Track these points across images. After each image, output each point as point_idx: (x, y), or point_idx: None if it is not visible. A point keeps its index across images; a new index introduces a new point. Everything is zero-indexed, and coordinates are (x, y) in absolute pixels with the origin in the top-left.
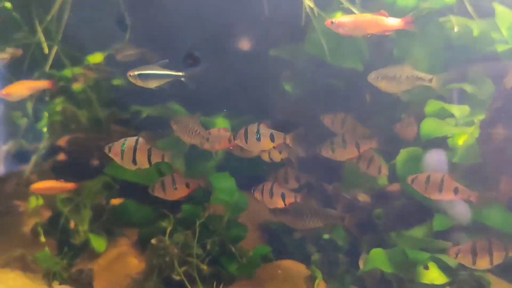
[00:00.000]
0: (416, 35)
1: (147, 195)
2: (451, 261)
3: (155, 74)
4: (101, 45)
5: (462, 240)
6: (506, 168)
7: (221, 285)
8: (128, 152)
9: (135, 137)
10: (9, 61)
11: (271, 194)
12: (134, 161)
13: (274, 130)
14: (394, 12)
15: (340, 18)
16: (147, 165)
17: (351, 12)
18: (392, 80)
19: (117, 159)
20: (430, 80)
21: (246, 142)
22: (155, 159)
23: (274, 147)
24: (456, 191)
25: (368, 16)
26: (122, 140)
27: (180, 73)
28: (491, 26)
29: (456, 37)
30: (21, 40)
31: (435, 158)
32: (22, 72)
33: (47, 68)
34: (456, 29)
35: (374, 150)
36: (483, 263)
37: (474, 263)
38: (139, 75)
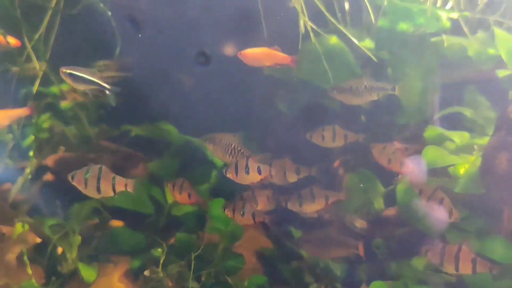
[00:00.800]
0: (410, 55)
1: (138, 221)
2: None
3: (85, 79)
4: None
5: None
6: (509, 199)
7: None
8: (92, 181)
9: (99, 165)
10: None
11: (243, 213)
12: (98, 190)
13: (261, 164)
14: (391, 36)
15: (244, 50)
16: (111, 194)
17: (345, 36)
18: (351, 92)
19: (80, 188)
20: (393, 89)
21: (237, 176)
22: (119, 188)
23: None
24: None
25: (265, 50)
26: (85, 168)
27: (107, 86)
28: (487, 43)
29: (450, 56)
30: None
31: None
32: (9, 90)
33: (35, 88)
34: (445, 44)
35: None
36: (449, 267)
37: (441, 264)
38: (71, 74)
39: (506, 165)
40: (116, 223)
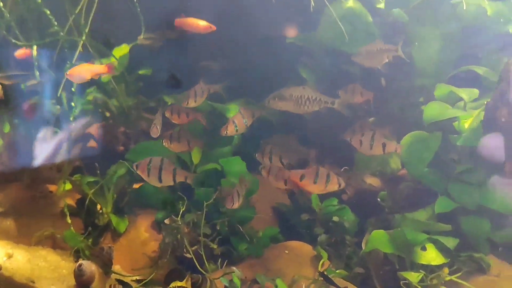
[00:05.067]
0: (428, 17)
1: None
2: (450, 243)
3: None
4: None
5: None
6: (510, 151)
7: (225, 263)
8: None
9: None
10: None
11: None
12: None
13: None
14: None
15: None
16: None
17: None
18: (292, 101)
19: (144, 176)
20: (333, 103)
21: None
22: (179, 178)
23: None
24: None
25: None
26: (148, 158)
27: None
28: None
29: (469, 18)
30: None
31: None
32: (52, 64)
33: (74, 60)
34: (464, 7)
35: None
36: None
37: None
38: None
39: (507, 118)
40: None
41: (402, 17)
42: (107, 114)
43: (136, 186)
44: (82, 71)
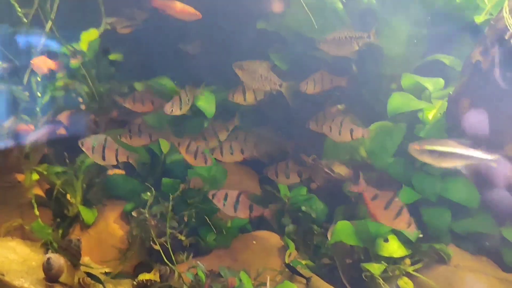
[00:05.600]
0: (398, 5)
1: (134, 169)
2: (411, 235)
3: None
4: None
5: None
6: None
7: (191, 255)
8: (98, 149)
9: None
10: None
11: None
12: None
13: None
14: None
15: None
16: (114, 162)
17: None
18: (248, 72)
19: (88, 154)
20: (280, 85)
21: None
22: (122, 158)
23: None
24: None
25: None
26: (94, 136)
27: None
28: None
29: (439, 6)
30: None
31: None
32: (18, 50)
33: (40, 46)
34: None
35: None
36: None
37: None
38: None
39: (468, 109)
40: (118, 171)
41: (372, 4)
42: (80, 100)
43: (110, 172)
44: (40, 64)
